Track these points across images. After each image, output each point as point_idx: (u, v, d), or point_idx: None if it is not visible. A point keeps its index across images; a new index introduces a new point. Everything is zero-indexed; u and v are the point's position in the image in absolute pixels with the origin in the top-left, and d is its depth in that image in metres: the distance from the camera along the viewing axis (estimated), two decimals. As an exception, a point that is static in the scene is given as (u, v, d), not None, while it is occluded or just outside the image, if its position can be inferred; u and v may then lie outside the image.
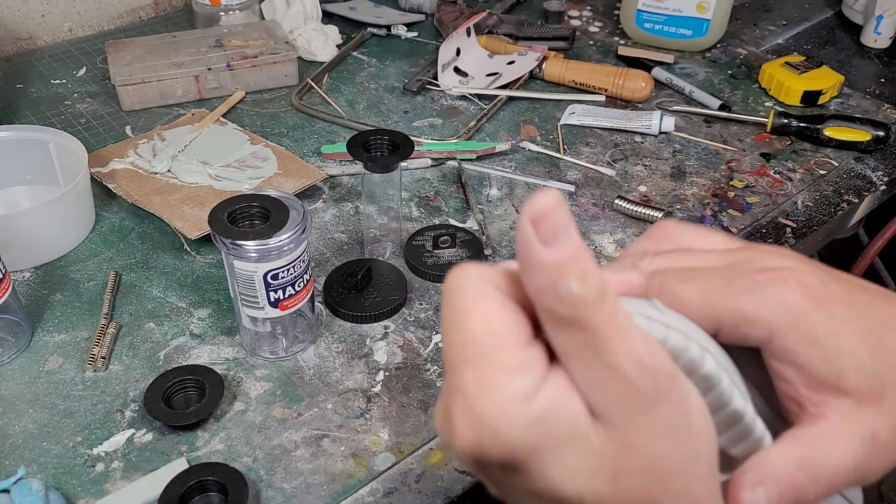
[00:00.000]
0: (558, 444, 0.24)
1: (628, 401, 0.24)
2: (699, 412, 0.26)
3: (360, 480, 0.51)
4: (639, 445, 0.25)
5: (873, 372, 0.29)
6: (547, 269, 0.23)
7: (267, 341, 0.58)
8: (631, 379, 0.24)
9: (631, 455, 0.25)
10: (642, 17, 0.98)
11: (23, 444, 0.52)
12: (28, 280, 0.65)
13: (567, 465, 0.25)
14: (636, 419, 0.25)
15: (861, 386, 0.29)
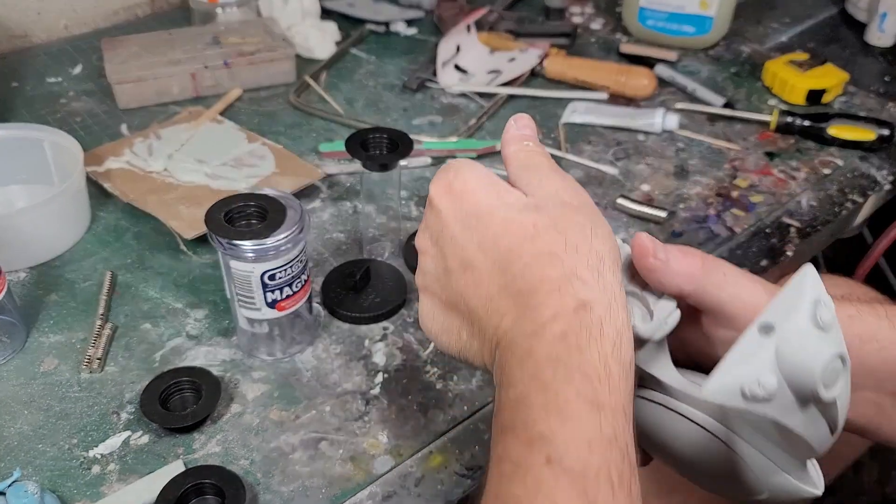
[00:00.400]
0: (505, 204, 0.38)
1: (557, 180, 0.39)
2: None
3: (359, 484, 0.50)
4: (557, 196, 0.38)
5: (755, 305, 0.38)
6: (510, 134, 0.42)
7: (264, 343, 0.57)
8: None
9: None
10: (645, 14, 0.98)
11: (18, 447, 0.52)
12: (23, 280, 0.64)
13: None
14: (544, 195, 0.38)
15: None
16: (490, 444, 0.36)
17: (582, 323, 0.33)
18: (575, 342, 0.33)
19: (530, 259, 0.35)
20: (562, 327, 0.34)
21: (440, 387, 0.56)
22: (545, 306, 0.34)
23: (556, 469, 0.31)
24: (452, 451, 0.52)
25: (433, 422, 0.54)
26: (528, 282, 0.35)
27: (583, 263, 0.35)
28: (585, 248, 0.35)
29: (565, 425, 0.32)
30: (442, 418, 0.54)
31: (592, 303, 0.34)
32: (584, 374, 0.32)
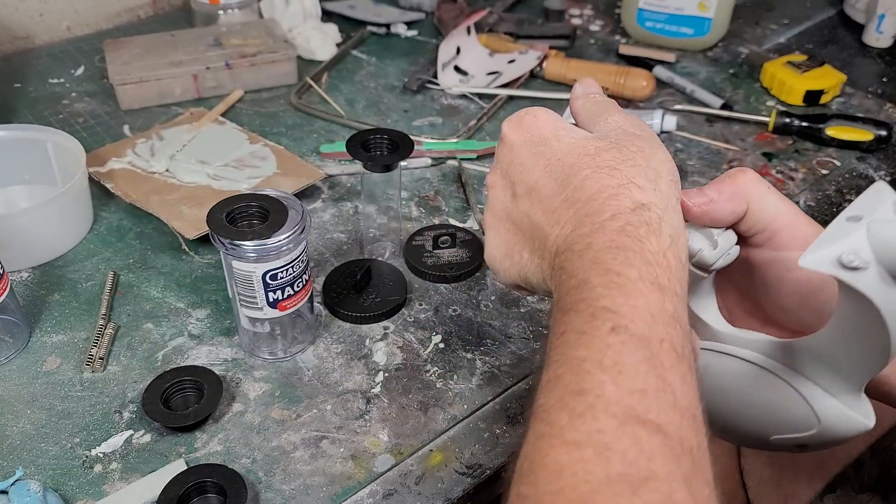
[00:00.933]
0: (574, 142, 0.41)
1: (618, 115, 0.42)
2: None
3: (360, 482, 0.50)
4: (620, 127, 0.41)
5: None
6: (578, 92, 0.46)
7: (266, 342, 0.58)
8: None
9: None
10: (644, 16, 0.98)
11: (21, 445, 0.52)
12: (26, 280, 0.64)
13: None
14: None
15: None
16: (546, 343, 0.36)
17: (640, 219, 0.35)
18: (634, 233, 0.35)
19: (590, 172, 0.37)
20: (621, 223, 0.35)
21: (440, 386, 0.57)
22: (604, 209, 0.36)
23: (623, 335, 0.31)
24: (452, 449, 0.53)
25: (433, 420, 0.54)
26: (587, 191, 0.37)
27: (640, 174, 0.37)
28: (643, 162, 0.37)
29: (629, 300, 0.32)
30: (442, 417, 0.54)
31: (650, 204, 0.36)
32: (644, 260, 0.34)
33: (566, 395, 0.31)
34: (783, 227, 0.40)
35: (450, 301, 0.63)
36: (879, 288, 0.33)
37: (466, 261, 0.66)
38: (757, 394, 0.39)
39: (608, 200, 0.36)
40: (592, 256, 0.34)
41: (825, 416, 0.37)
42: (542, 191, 0.39)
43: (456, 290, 0.64)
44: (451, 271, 0.65)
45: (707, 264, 0.39)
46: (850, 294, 0.33)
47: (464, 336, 0.60)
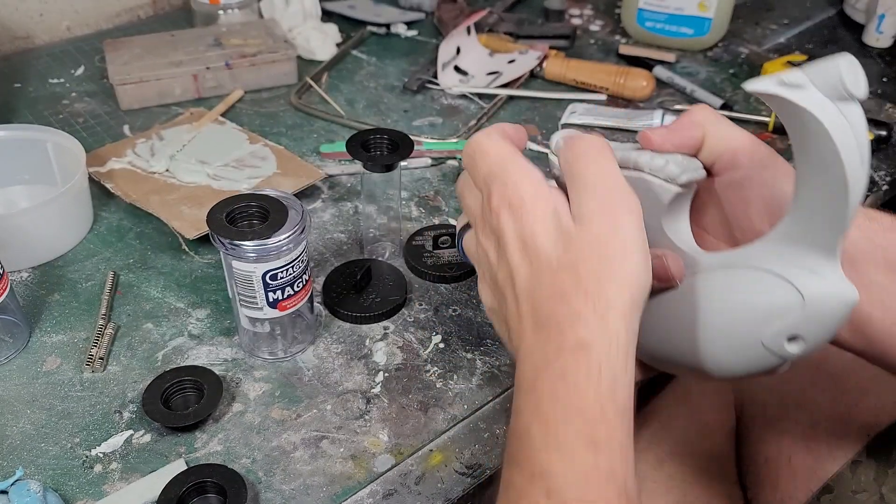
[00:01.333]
0: (545, 216, 0.40)
1: (595, 209, 0.39)
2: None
3: (360, 482, 0.50)
4: (589, 233, 0.38)
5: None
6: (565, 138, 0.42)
7: (266, 342, 0.58)
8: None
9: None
10: (644, 16, 0.98)
11: (21, 445, 0.52)
12: (26, 280, 0.64)
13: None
14: (586, 219, 0.39)
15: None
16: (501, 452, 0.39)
17: (579, 364, 0.36)
18: (573, 382, 0.36)
19: (549, 293, 0.38)
20: (562, 365, 0.36)
21: (440, 386, 0.57)
22: (550, 344, 0.37)
23: (555, 500, 0.34)
24: (452, 449, 0.53)
25: (433, 420, 0.54)
26: (543, 314, 0.38)
27: (589, 307, 0.37)
28: (595, 291, 0.37)
29: (563, 461, 0.34)
30: (442, 417, 0.54)
31: (591, 345, 0.36)
32: (581, 415, 0.35)
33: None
34: (741, 148, 0.42)
35: (450, 301, 0.63)
36: (821, 102, 0.34)
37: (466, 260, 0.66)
38: (741, 297, 0.39)
39: (555, 334, 0.37)
40: (536, 403, 0.37)
41: (808, 292, 0.37)
42: (510, 292, 0.40)
43: (456, 290, 0.65)
44: (451, 271, 0.65)
45: (674, 176, 0.41)
46: (796, 117, 0.35)
47: (464, 336, 0.60)
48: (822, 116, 0.34)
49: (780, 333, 0.38)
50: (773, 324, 0.38)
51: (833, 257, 0.37)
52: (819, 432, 0.59)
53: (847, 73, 0.34)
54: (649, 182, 0.42)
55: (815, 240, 0.37)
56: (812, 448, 0.58)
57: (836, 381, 0.60)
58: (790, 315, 0.38)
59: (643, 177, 0.42)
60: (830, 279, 0.37)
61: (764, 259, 0.39)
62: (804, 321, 0.37)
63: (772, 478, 0.60)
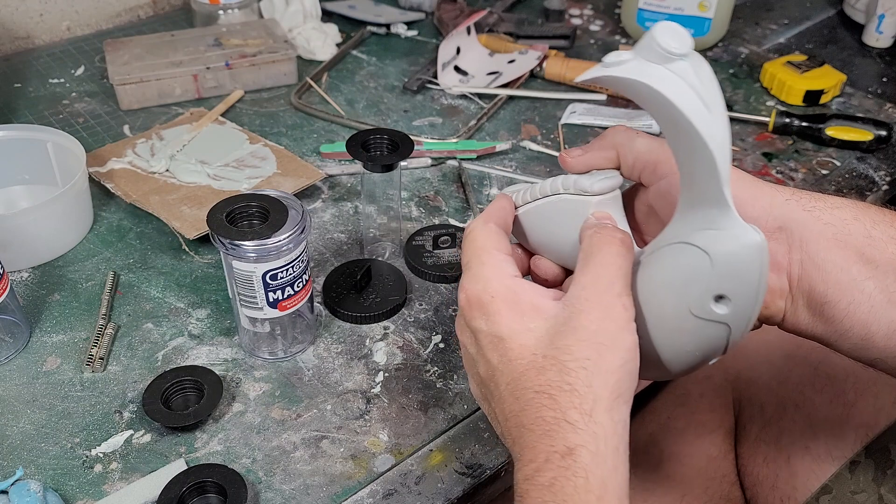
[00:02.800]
0: (522, 308, 0.40)
1: (593, 301, 0.39)
2: None
3: (360, 482, 0.50)
4: (577, 318, 0.38)
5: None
6: (597, 221, 0.44)
7: (266, 342, 0.58)
8: None
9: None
10: (643, 16, 0.98)
11: (21, 445, 0.52)
12: (26, 280, 0.64)
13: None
14: (574, 303, 0.39)
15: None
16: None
17: (568, 471, 0.35)
18: (562, 494, 0.35)
19: (533, 395, 0.38)
20: (550, 475, 0.36)
21: (440, 386, 0.57)
22: (538, 449, 0.37)
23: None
24: (453, 449, 0.53)
25: (433, 420, 0.54)
26: (528, 418, 0.38)
27: (576, 405, 0.36)
28: (583, 388, 0.37)
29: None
30: (442, 417, 0.55)
31: (578, 449, 0.36)
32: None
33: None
34: (660, 159, 0.43)
35: (450, 301, 0.64)
36: (643, 68, 0.35)
37: (466, 261, 0.66)
38: (662, 274, 0.40)
39: (542, 438, 0.37)
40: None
41: (711, 248, 0.37)
42: (497, 392, 0.40)
43: (456, 290, 0.65)
44: (451, 271, 0.65)
45: (585, 188, 0.43)
46: (635, 93, 0.36)
47: (463, 336, 0.61)
48: (646, 79, 0.35)
49: (703, 297, 0.38)
50: (693, 289, 0.38)
51: (725, 207, 0.37)
52: (817, 433, 0.59)
53: (661, 35, 0.35)
54: (568, 200, 0.44)
55: (703, 198, 0.38)
56: (810, 448, 0.58)
57: (834, 381, 0.60)
58: (703, 275, 0.38)
59: (562, 197, 0.44)
60: (730, 230, 0.37)
61: (673, 233, 0.40)
62: (718, 277, 0.37)
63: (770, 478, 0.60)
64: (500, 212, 0.45)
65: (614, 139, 0.44)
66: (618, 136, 0.44)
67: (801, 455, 0.58)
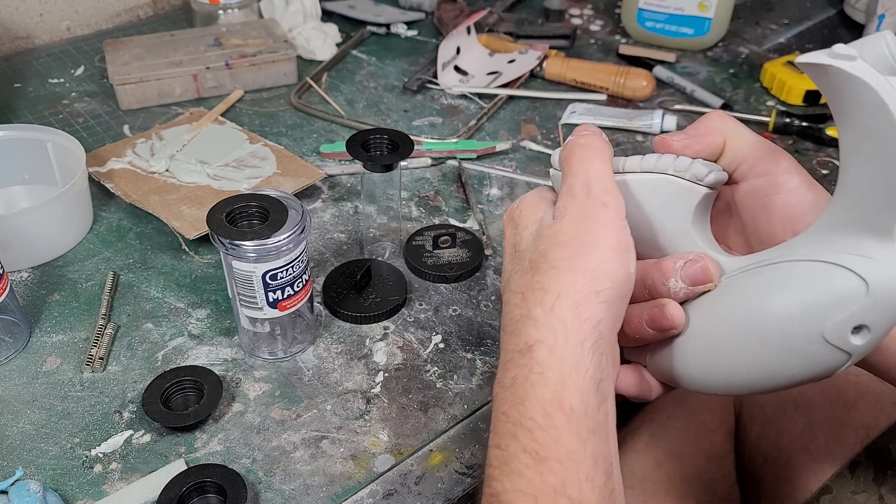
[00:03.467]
0: (536, 224, 0.41)
1: (569, 205, 0.39)
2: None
3: (360, 482, 0.50)
4: (559, 224, 0.39)
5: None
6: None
7: (266, 342, 0.58)
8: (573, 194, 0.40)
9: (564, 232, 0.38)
10: (643, 16, 0.98)
11: (20, 445, 0.52)
12: (26, 280, 0.64)
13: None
14: (561, 213, 0.39)
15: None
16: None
17: (526, 368, 0.35)
18: (520, 392, 0.35)
19: (510, 296, 0.39)
20: (512, 373, 0.36)
21: (440, 386, 0.57)
22: (506, 349, 0.37)
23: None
24: (452, 449, 0.53)
25: (433, 420, 0.54)
26: (505, 319, 0.38)
27: (539, 302, 0.36)
28: (548, 284, 0.36)
29: (512, 481, 0.34)
30: (442, 417, 0.55)
31: (536, 345, 0.35)
32: (525, 428, 0.34)
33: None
34: (761, 155, 0.41)
35: (450, 301, 0.64)
36: (873, 73, 0.33)
37: (466, 261, 0.66)
38: (793, 291, 0.37)
39: (510, 337, 0.37)
40: (494, 420, 0.36)
41: (871, 277, 0.35)
42: (505, 290, 0.41)
43: (456, 290, 0.65)
44: (451, 271, 0.65)
45: (701, 176, 0.41)
46: (847, 90, 0.33)
47: (464, 336, 0.61)
48: (878, 86, 0.33)
49: (844, 325, 0.35)
50: (835, 315, 0.35)
51: (890, 239, 0.35)
52: (817, 433, 0.59)
53: (895, 46, 0.33)
54: (676, 183, 0.41)
55: (869, 223, 0.35)
56: (811, 448, 0.58)
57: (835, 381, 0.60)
58: (854, 304, 0.35)
59: (668, 178, 0.41)
60: (891, 263, 0.35)
61: (811, 251, 0.37)
62: (870, 309, 0.35)
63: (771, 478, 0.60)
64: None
65: (723, 125, 0.41)
66: (726, 123, 0.41)
67: (801, 455, 0.58)
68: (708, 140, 0.41)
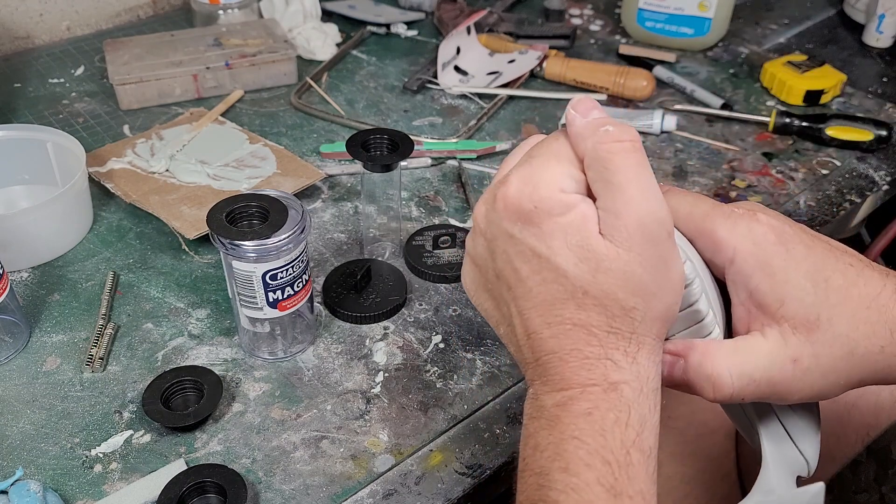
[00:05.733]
0: (566, 229, 0.35)
1: (619, 228, 0.34)
2: (673, 262, 0.35)
3: (360, 482, 0.50)
4: (623, 260, 0.34)
5: (812, 304, 0.35)
6: (588, 124, 0.36)
7: (266, 342, 0.58)
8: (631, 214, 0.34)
9: (615, 263, 0.34)
10: (643, 16, 0.98)
11: (20, 446, 0.52)
12: (26, 280, 0.64)
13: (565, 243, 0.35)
14: (620, 241, 0.34)
15: (797, 315, 0.35)
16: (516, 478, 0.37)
17: (609, 402, 0.34)
18: (599, 424, 0.34)
19: (570, 328, 0.35)
20: (588, 405, 0.34)
21: (440, 386, 0.57)
22: (573, 380, 0.35)
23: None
24: (453, 449, 0.53)
25: (433, 420, 0.54)
26: (562, 347, 0.35)
27: (620, 347, 0.35)
28: (628, 333, 0.35)
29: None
30: (442, 417, 0.54)
31: (622, 385, 0.34)
32: (604, 460, 0.33)
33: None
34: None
35: (450, 301, 0.63)
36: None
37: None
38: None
39: (580, 370, 0.34)
40: (557, 439, 0.34)
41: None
42: (516, 303, 0.36)
43: (456, 290, 0.65)
44: (451, 271, 0.65)
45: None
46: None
47: (464, 336, 0.60)
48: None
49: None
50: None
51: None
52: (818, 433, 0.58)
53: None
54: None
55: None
56: (812, 448, 0.58)
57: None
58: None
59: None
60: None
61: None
62: None
63: (772, 478, 0.60)
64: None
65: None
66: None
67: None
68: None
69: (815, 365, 0.35)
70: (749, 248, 0.36)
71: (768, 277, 0.35)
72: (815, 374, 0.36)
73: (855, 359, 0.35)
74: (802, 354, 0.35)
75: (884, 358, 0.35)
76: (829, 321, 0.35)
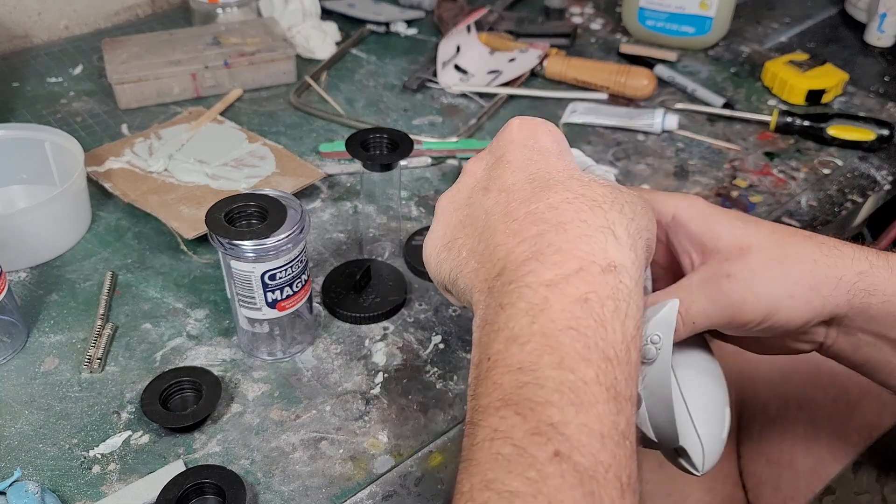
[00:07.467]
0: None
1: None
2: None
3: (359, 483, 0.50)
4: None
5: (743, 235, 0.38)
6: None
7: (264, 342, 0.58)
8: None
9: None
10: (644, 15, 0.98)
11: (18, 446, 0.52)
12: (24, 280, 0.64)
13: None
14: None
15: (731, 245, 0.38)
16: (469, 393, 0.31)
17: (608, 290, 0.30)
18: (599, 312, 0.30)
19: (573, 197, 0.33)
20: (586, 288, 0.30)
21: (440, 386, 0.56)
22: (571, 253, 0.31)
23: (564, 465, 0.27)
24: (452, 450, 0.53)
25: (433, 421, 0.54)
26: (561, 214, 0.32)
27: (623, 224, 0.32)
28: (630, 214, 0.33)
29: (580, 414, 0.28)
30: (442, 418, 0.54)
31: (623, 269, 0.31)
32: (603, 355, 0.29)
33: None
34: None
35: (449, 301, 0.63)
36: None
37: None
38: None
39: (579, 239, 0.31)
40: (546, 330, 0.29)
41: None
42: (514, 193, 0.35)
43: (456, 290, 0.64)
44: (450, 271, 0.64)
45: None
46: None
47: (464, 336, 0.60)
48: None
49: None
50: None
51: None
52: (820, 433, 0.58)
53: None
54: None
55: None
56: (813, 449, 0.58)
57: (837, 380, 0.60)
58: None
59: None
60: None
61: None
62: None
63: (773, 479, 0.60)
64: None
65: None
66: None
67: (803, 455, 0.58)
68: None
69: (750, 276, 0.37)
70: (685, 205, 0.41)
71: (703, 220, 0.40)
72: (757, 285, 0.37)
73: (794, 274, 0.37)
74: (734, 270, 0.37)
75: (818, 269, 0.37)
76: (760, 245, 0.38)
